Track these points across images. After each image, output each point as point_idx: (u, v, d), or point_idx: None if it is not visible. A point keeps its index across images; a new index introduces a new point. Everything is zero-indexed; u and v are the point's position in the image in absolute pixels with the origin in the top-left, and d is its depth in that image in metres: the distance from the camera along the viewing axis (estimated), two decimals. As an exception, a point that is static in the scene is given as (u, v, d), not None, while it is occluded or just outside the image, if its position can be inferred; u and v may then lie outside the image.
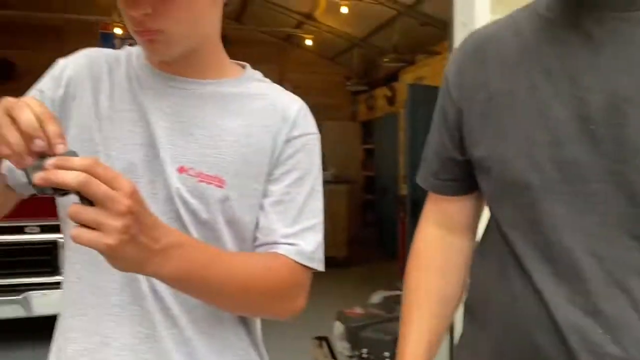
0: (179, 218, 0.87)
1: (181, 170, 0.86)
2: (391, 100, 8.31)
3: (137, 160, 0.87)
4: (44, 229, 3.55)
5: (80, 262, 0.89)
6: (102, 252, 0.66)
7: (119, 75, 0.92)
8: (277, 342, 4.17)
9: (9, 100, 0.67)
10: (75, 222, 0.64)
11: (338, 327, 3.38)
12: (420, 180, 1.04)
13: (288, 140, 0.92)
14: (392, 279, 5.09)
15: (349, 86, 9.65)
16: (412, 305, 1.00)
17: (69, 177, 0.62)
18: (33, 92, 0.91)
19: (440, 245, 1.02)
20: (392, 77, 8.08)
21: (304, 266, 0.90)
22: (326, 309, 5.04)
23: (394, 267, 6.41)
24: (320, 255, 0.93)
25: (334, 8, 7.37)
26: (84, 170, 0.62)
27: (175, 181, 0.86)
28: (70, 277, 0.91)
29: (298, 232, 0.90)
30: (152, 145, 0.87)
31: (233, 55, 1.00)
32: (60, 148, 0.64)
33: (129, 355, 0.86)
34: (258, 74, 1.00)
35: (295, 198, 0.91)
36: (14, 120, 0.64)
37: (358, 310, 3.41)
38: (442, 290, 1.01)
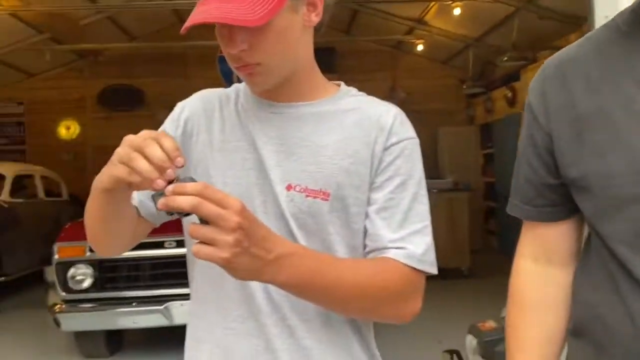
0: (290, 232, 0.92)
1: (289, 188, 0.93)
2: (512, 101, 7.92)
3: (250, 184, 0.95)
4: (180, 244, 3.76)
5: (204, 281, 0.99)
6: (219, 264, 0.73)
7: (228, 110, 1.01)
8: (406, 355, 4.14)
9: (132, 138, 0.77)
10: (194, 239, 0.72)
11: (471, 341, 3.21)
12: (513, 209, 1.02)
13: (386, 148, 0.95)
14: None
15: (465, 89, 9.34)
16: (516, 350, 0.99)
17: (183, 202, 0.71)
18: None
19: (539, 281, 0.99)
20: (511, 77, 7.74)
21: (415, 269, 0.92)
22: (453, 321, 4.88)
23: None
24: (431, 258, 0.94)
25: (445, 10, 7.19)
26: (196, 194, 0.71)
27: (284, 199, 0.93)
28: (198, 293, 1.01)
29: (405, 236, 0.92)
30: (261, 169, 0.95)
31: (344, 67, 1.02)
32: (179, 161, 0.74)
33: None
34: (353, 90, 1.04)
35: (399, 203, 0.93)
36: (144, 155, 0.74)
37: (491, 323, 3.20)
38: (545, 330, 0.98)
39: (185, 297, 4.16)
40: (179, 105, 1.06)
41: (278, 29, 0.89)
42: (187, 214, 0.73)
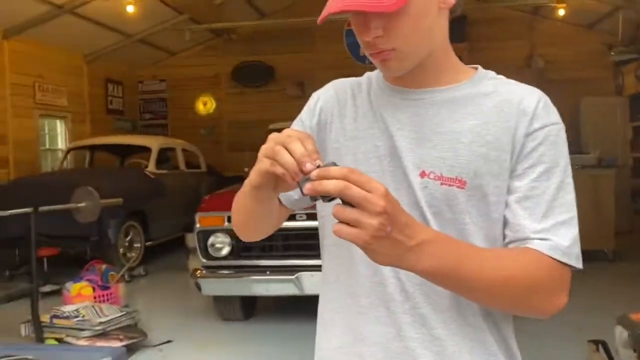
0: (425, 221, 0.90)
1: (423, 175, 0.91)
2: (669, 68, 7.08)
3: (382, 171, 0.94)
4: (310, 217, 3.85)
5: (335, 265, 0.99)
6: (360, 246, 0.73)
7: (361, 98, 1.01)
8: (544, 343, 3.92)
9: (277, 135, 0.80)
10: (338, 219, 0.73)
11: (621, 333, 2.94)
12: None
13: (529, 134, 0.90)
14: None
15: (612, 56, 8.50)
16: None
17: (330, 186, 0.72)
18: (296, 122, 1.07)
19: None
20: (670, 40, 6.90)
21: (560, 262, 0.86)
22: (595, 308, 4.53)
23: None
24: (577, 251, 0.89)
25: (593, -31, 6.54)
26: (342, 178, 0.72)
27: (418, 186, 0.91)
28: (329, 277, 1.01)
29: (550, 227, 0.87)
30: (395, 156, 0.94)
31: (474, 35, 0.92)
32: (317, 163, 0.75)
33: (380, 353, 0.93)
34: (491, 73, 0.99)
35: (543, 192, 0.89)
36: (288, 150, 0.77)
37: (645, 314, 2.90)
38: None
39: (316, 268, 4.28)
40: (314, 95, 1.08)
41: (413, 13, 0.87)
42: (332, 199, 0.73)
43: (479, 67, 1.00)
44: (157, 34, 9.50)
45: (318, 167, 0.75)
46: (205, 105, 11.21)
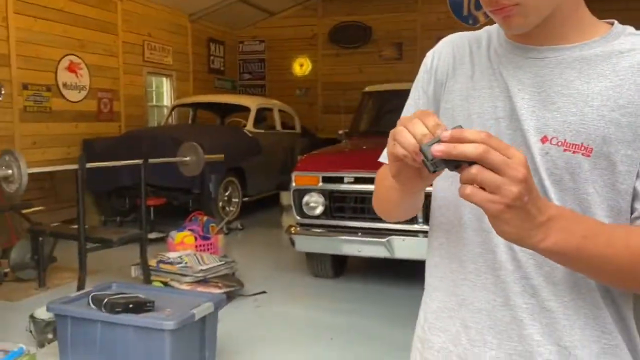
0: (543, 190, 0.85)
1: (544, 140, 0.85)
2: None
3: (499, 134, 0.88)
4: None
5: (442, 231, 0.97)
6: (492, 212, 0.70)
7: (479, 55, 0.95)
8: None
9: (402, 117, 0.77)
10: (475, 181, 0.69)
11: None
12: None
13: None
14: None
15: None
16: None
17: (468, 149, 0.67)
18: (414, 87, 1.03)
19: None
20: None
21: None
22: None
23: None
24: None
25: None
26: (481, 141, 0.67)
27: (539, 152, 0.85)
28: (434, 242, 1.00)
29: None
30: (514, 118, 0.88)
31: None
32: (440, 134, 0.70)
33: (485, 319, 0.91)
34: (630, 29, 0.89)
35: None
36: (409, 131, 0.74)
37: None
38: None
39: (407, 233, 4.28)
40: (430, 54, 1.03)
41: None
42: (458, 166, 0.69)
43: (615, 22, 0.91)
44: (257, -6, 9.64)
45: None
46: (301, 66, 11.32)
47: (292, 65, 11.34)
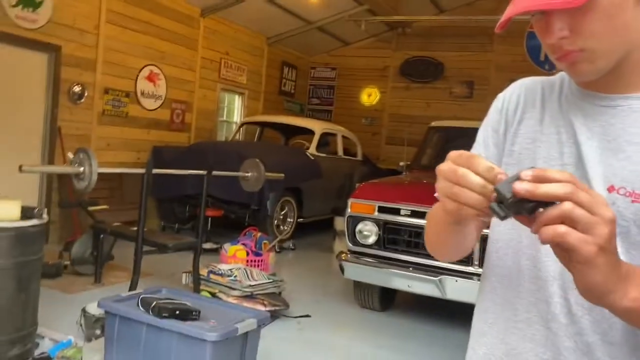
0: None
1: (611, 189, 0.82)
2: None
3: None
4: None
5: (496, 275, 0.94)
6: (585, 255, 0.64)
7: (551, 100, 0.94)
8: None
9: (445, 166, 0.72)
10: (567, 218, 0.63)
11: None
12: None
13: None
14: None
15: None
16: None
17: (556, 187, 0.63)
18: (484, 129, 1.01)
19: None
20: None
21: None
22: None
23: None
24: None
25: None
26: (567, 181, 0.64)
27: None
28: (486, 287, 0.97)
29: None
30: (580, 166, 0.86)
31: None
32: (499, 179, 0.67)
33: None
34: None
35: None
36: (466, 185, 0.69)
37: None
38: None
39: (461, 274, 4.14)
40: (501, 95, 1.01)
41: (604, 6, 0.77)
42: (534, 209, 0.65)
43: None
44: (334, 22, 9.83)
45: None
46: (369, 96, 11.39)
47: (360, 95, 11.43)
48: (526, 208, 0.65)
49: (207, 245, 5.84)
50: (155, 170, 4.05)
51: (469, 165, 0.70)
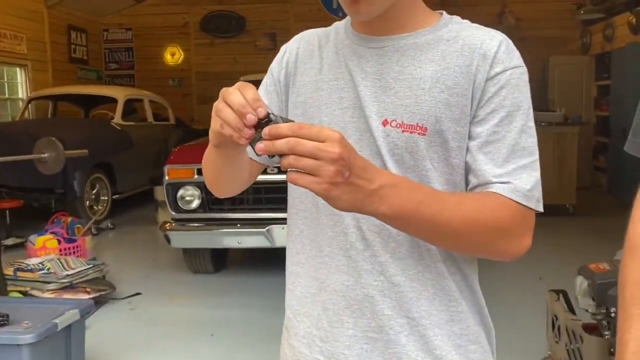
0: (386, 169, 0.91)
1: (385, 123, 0.92)
2: (636, 29, 7.13)
3: (345, 122, 0.94)
4: (281, 170, 3.82)
5: (300, 217, 1.00)
6: (319, 194, 0.75)
7: (327, 49, 1.01)
8: (507, 291, 4.05)
9: (224, 89, 0.79)
10: (297, 168, 0.73)
11: (581, 283, 3.04)
12: (632, 147, 0.89)
13: (490, 78, 0.90)
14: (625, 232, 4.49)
15: (581, 15, 8.51)
16: (631, 303, 0.83)
17: (280, 145, 0.72)
18: (267, 75, 1.07)
19: None
20: (639, 1, 6.93)
21: (523, 205, 0.88)
22: (556, 260, 4.69)
23: (627, 218, 5.66)
24: (538, 194, 0.90)
25: None
26: (292, 135, 0.72)
27: (380, 135, 0.92)
28: (294, 230, 1.02)
29: (511, 171, 0.88)
30: (358, 106, 0.94)
31: None
32: (260, 112, 0.75)
33: (341, 300, 0.95)
34: (456, 18, 0.99)
35: (505, 137, 0.89)
36: (228, 104, 0.77)
37: (604, 265, 3.01)
38: None
39: (285, 220, 4.29)
40: (283, 48, 1.07)
41: None
42: (282, 155, 0.74)
43: (444, 12, 0.99)
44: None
45: (268, 119, 0.75)
46: (173, 56, 10.90)
47: (163, 55, 10.88)
48: (279, 156, 0.75)
49: (9, 242, 5.22)
50: None
51: (240, 90, 0.77)
